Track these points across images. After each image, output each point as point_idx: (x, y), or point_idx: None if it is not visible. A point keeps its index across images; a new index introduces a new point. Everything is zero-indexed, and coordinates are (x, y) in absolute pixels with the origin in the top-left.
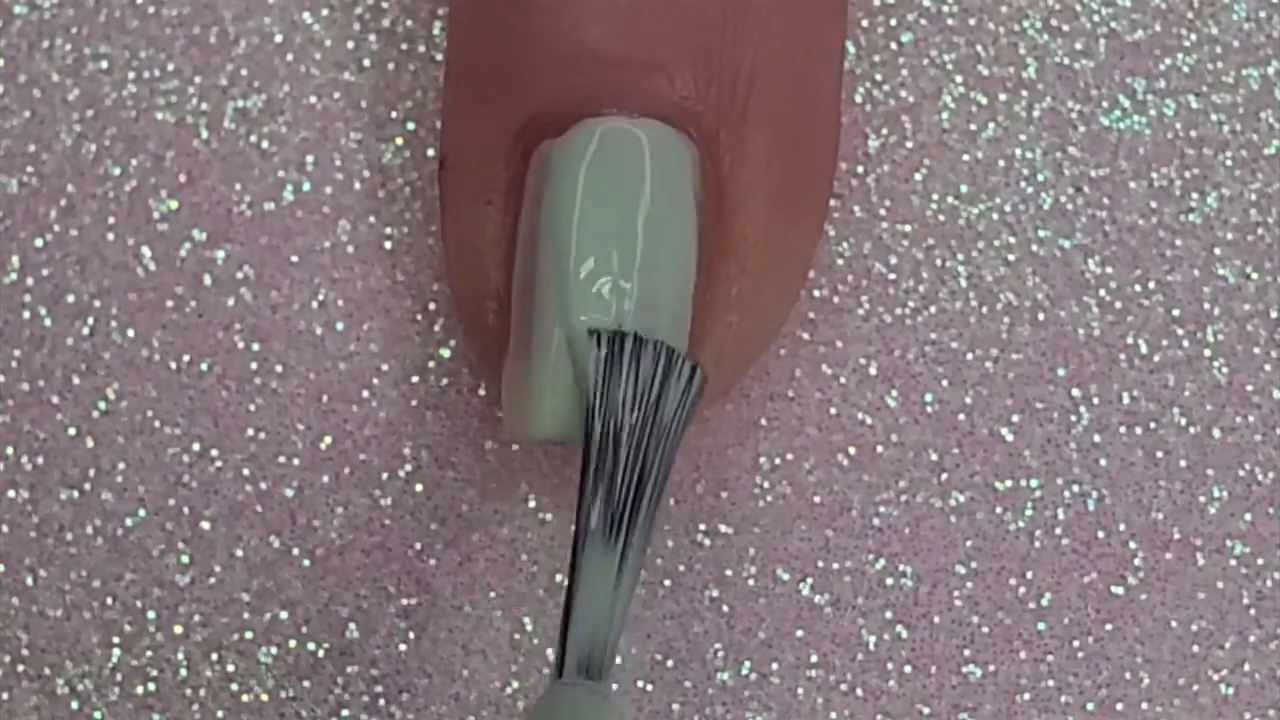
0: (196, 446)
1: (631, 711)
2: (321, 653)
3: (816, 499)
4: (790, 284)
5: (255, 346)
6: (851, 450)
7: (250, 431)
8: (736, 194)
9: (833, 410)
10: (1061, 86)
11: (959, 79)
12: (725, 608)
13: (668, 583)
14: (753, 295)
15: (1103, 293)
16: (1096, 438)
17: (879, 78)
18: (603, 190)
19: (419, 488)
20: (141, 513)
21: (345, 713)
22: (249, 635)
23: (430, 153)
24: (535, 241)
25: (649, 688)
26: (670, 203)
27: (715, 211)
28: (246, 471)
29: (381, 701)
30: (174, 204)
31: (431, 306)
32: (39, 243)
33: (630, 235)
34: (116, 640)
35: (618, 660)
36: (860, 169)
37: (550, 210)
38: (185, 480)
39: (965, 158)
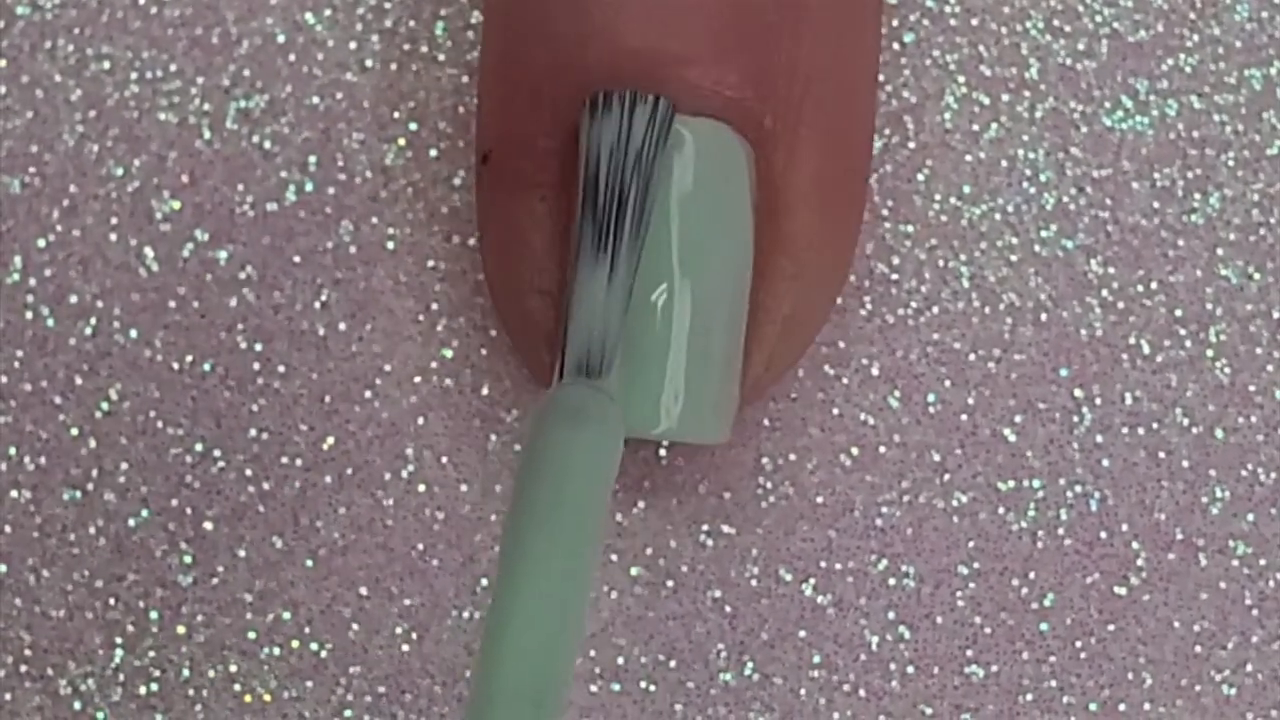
0: (199, 447)
1: (621, 415)
2: (324, 653)
3: (819, 499)
4: (836, 284)
5: (258, 347)
6: (854, 451)
7: (253, 432)
8: (791, 194)
9: (835, 411)
10: (1064, 87)
11: (961, 79)
12: (728, 608)
13: (670, 583)
14: (803, 296)
15: (1105, 293)
16: (1099, 438)
17: (882, 78)
18: (660, 192)
19: (421, 488)
20: (144, 513)
21: (348, 713)
22: (252, 635)
23: (433, 153)
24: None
25: (652, 688)
26: (728, 202)
27: (768, 211)
28: (249, 472)
29: (384, 702)
30: (176, 204)
31: (434, 307)
32: (41, 243)
33: (685, 235)
34: (119, 640)
35: (619, 659)
36: None
37: None
38: (188, 480)
39: (968, 158)
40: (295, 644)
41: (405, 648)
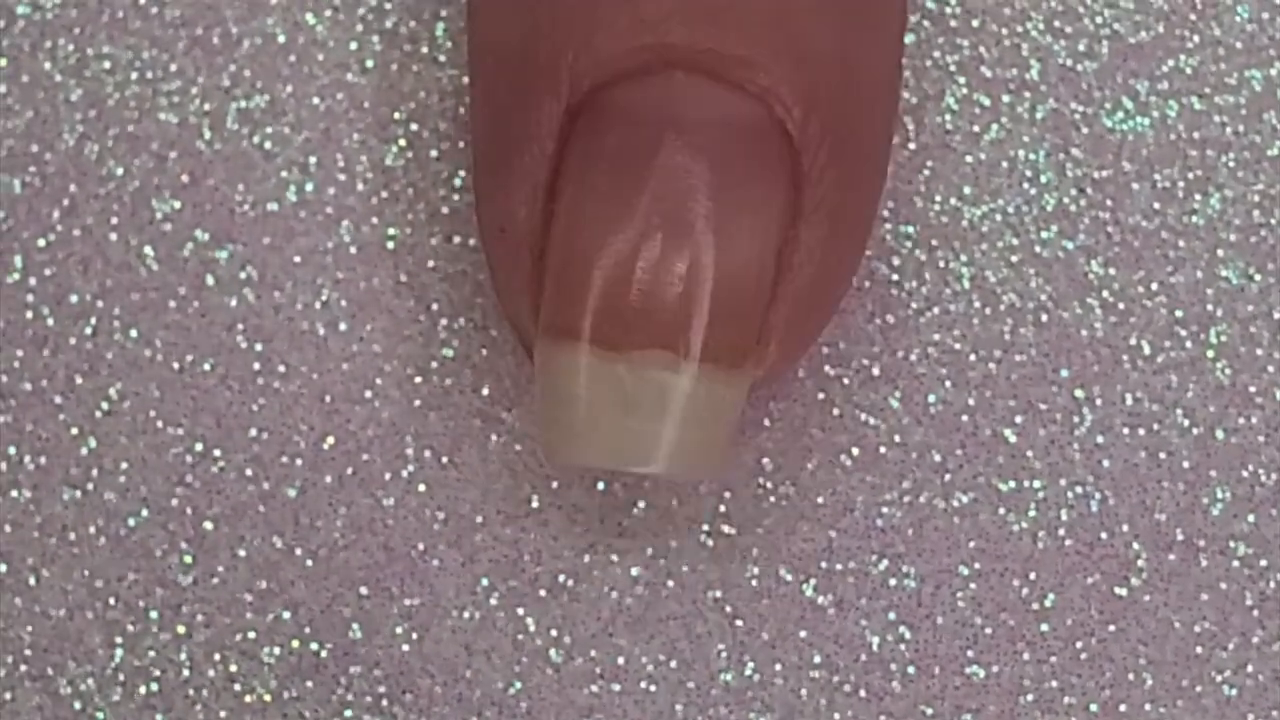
0: (199, 447)
1: None
2: (324, 653)
3: (819, 500)
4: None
5: (258, 347)
6: (854, 451)
7: (253, 432)
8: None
9: (836, 411)
10: (1064, 88)
11: (962, 80)
12: (728, 608)
13: (671, 583)
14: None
15: (1106, 294)
16: (1099, 439)
17: None
18: None
19: (421, 488)
20: (144, 513)
21: (348, 713)
22: (252, 635)
23: (433, 154)
24: None
25: (652, 688)
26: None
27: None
28: (249, 472)
29: (384, 702)
30: (177, 204)
31: (434, 306)
32: (42, 243)
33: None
34: (119, 640)
35: (620, 659)
36: None
37: None
38: (188, 480)
39: (968, 159)
40: (295, 644)
41: (405, 648)
